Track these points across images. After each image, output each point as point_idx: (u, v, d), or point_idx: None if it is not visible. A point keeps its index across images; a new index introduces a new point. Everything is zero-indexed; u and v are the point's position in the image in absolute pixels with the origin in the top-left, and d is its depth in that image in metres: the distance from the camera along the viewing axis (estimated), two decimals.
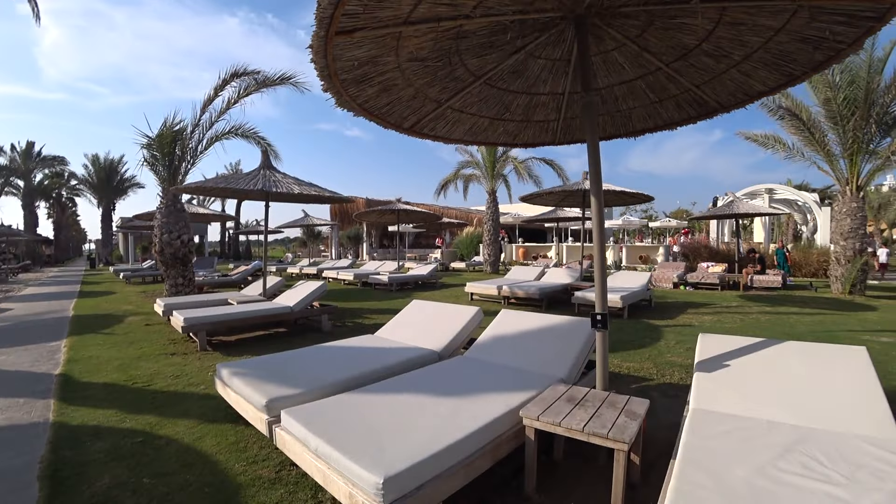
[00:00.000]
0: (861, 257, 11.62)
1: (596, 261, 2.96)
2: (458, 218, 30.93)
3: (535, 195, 11.14)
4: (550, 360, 3.36)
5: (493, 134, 4.22)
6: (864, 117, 11.23)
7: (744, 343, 3.06)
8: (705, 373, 2.86)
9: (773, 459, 1.97)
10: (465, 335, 4.25)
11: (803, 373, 2.74)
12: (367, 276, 14.68)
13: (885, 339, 6.75)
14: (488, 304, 10.21)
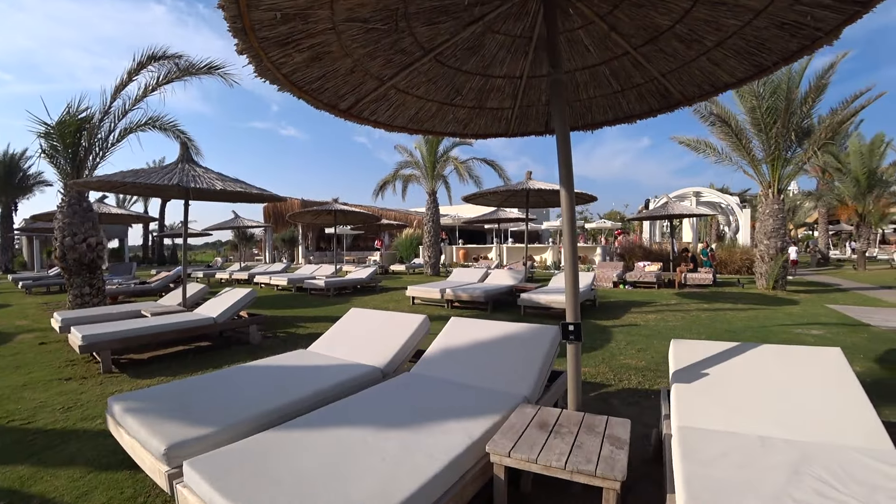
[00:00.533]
0: (783, 255, 12.30)
1: (567, 264, 2.61)
2: (398, 219, 30.33)
3: (478, 195, 10.88)
4: (512, 374, 2.97)
5: (442, 122, 3.78)
6: (785, 125, 11.91)
7: (718, 349, 2.82)
8: (684, 384, 2.58)
9: (784, 487, 1.72)
10: (412, 347, 3.79)
11: (784, 379, 2.54)
12: (302, 280, 13.81)
13: (816, 331, 7.02)
14: (432, 308, 9.80)
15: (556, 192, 10.03)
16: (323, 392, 2.85)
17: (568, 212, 2.62)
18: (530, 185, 9.49)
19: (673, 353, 2.85)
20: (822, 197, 24.56)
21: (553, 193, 10.62)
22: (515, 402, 2.62)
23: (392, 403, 2.60)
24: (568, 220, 2.61)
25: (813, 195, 24.86)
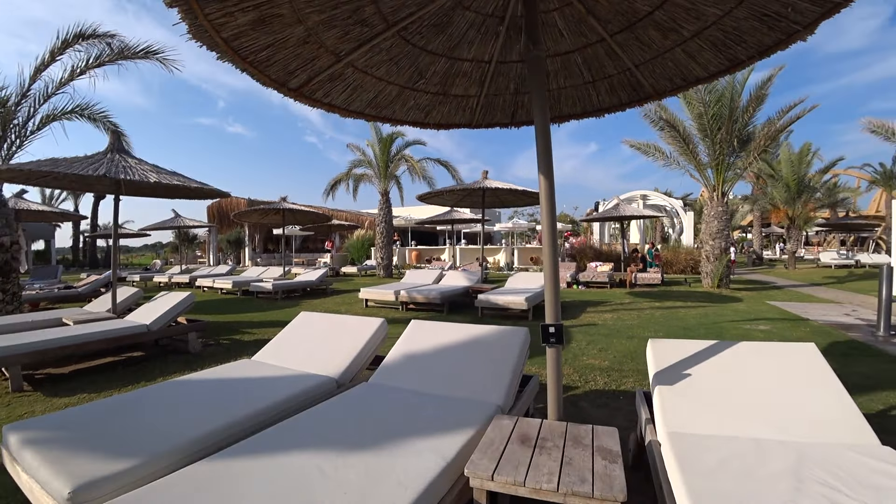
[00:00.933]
0: (727, 255, 12.81)
1: (547, 260, 2.39)
2: (349, 220, 29.61)
3: (433, 193, 10.61)
4: (482, 382, 2.72)
5: (402, 108, 3.49)
6: (729, 132, 12.43)
7: (696, 348, 2.70)
8: (667, 386, 2.42)
9: (794, 496, 1.59)
10: (369, 354, 3.47)
11: (766, 377, 2.45)
12: (249, 283, 13.07)
13: (763, 327, 7.26)
14: (386, 310, 9.47)
15: (512, 191, 9.94)
16: (270, 409, 2.48)
17: (548, 206, 2.41)
18: (487, 185, 9.33)
19: (652, 354, 2.70)
20: (757, 201, 26.04)
21: (509, 193, 10.54)
22: (489, 412, 2.38)
23: (351, 420, 2.28)
24: (548, 214, 2.40)
25: (749, 199, 26.31)
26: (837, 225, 24.51)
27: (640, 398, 2.75)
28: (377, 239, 18.96)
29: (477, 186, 9.33)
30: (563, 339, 2.29)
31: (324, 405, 2.51)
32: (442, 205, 11.48)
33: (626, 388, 4.18)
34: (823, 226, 26.02)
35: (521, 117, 3.87)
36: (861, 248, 28.56)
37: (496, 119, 3.89)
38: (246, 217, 15.40)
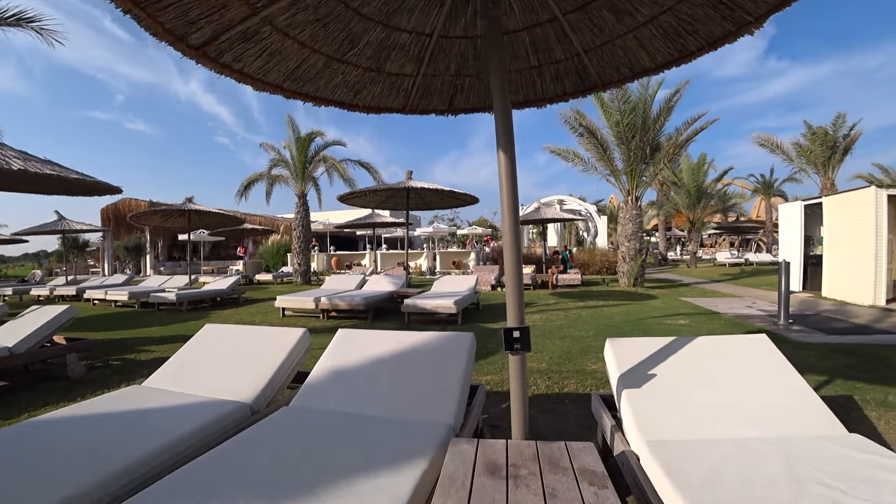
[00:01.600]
0: (641, 255, 13.47)
1: (508, 259, 2.08)
2: (264, 225, 27.97)
3: (355, 194, 9.99)
4: (428, 398, 2.35)
5: (328, 85, 3.03)
6: (642, 139, 13.12)
7: (656, 346, 2.53)
8: (634, 389, 2.20)
9: (797, 499, 1.45)
10: (289, 371, 2.96)
11: (729, 372, 2.36)
12: (148, 293, 11.66)
13: (683, 321, 7.58)
14: (305, 319, 8.80)
15: (437, 192, 9.64)
16: (165, 450, 1.92)
17: (509, 194, 2.11)
18: (411, 185, 8.98)
19: (612, 355, 2.48)
20: (662, 206, 28.06)
21: (434, 194, 10.25)
22: (441, 435, 2.01)
23: (271, 457, 1.81)
24: (509, 206, 2.10)
25: (655, 205, 28.29)
26: (729, 228, 27.05)
27: (598, 403, 2.53)
28: (294, 244, 17.93)
29: (401, 186, 8.93)
30: (530, 345, 1.97)
31: (237, 439, 2.00)
32: (364, 206, 10.96)
33: (568, 390, 4.01)
34: (717, 228, 28.59)
35: (460, 103, 3.57)
36: (746, 249, 31.83)
37: (433, 105, 3.55)
38: (145, 219, 13.82)
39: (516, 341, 1.94)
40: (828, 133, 15.26)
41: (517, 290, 2.04)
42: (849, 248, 10.78)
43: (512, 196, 2.10)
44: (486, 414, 3.39)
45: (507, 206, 2.09)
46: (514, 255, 2.07)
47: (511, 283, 2.04)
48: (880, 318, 8.13)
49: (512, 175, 2.12)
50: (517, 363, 1.99)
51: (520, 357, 1.98)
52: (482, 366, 4.85)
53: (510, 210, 2.09)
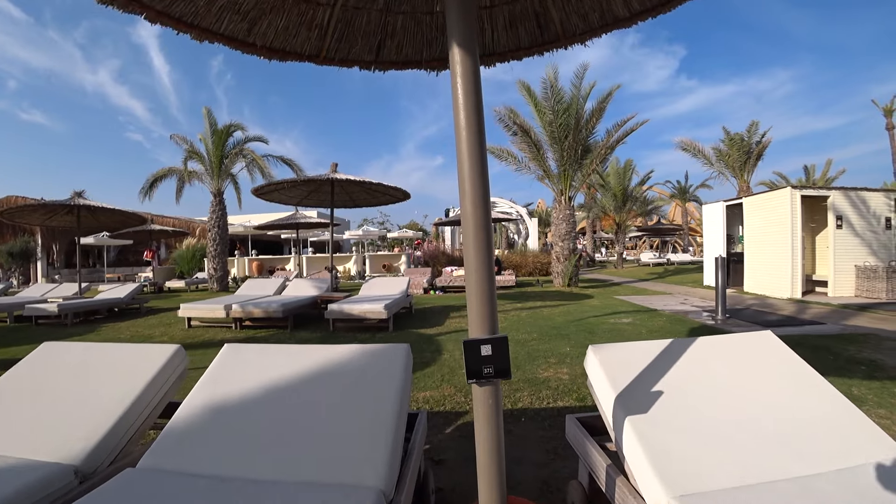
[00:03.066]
0: (575, 255, 13.37)
1: (474, 249, 1.37)
2: (178, 227, 25.57)
3: (272, 186, 8.78)
4: (347, 448, 1.58)
5: (213, 9, 2.21)
6: (575, 139, 13.04)
7: (650, 352, 1.93)
8: (639, 415, 1.57)
9: None
10: (151, 408, 2.07)
11: (746, 383, 1.80)
12: (23, 305, 9.82)
13: (626, 319, 7.30)
14: (215, 330, 7.64)
15: (365, 185, 8.78)
16: None
17: (475, 170, 1.41)
18: (336, 176, 8.08)
19: (599, 366, 1.85)
20: (591, 209, 28.80)
21: (363, 190, 9.38)
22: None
23: None
24: (473, 188, 1.39)
25: (584, 207, 29.00)
26: (651, 230, 28.26)
27: (577, 430, 1.90)
28: (210, 246, 16.26)
29: (326, 178, 8.01)
30: (509, 367, 1.27)
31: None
32: (284, 203, 9.85)
33: (523, 405, 3.38)
34: (640, 230, 29.82)
35: (391, 53, 2.84)
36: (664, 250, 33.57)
37: (355, 52, 2.79)
38: (23, 217, 11.75)
39: (487, 362, 1.24)
40: (743, 139, 16.12)
41: (486, 285, 1.33)
42: (767, 246, 11.21)
43: (479, 175, 1.41)
44: (428, 444, 2.67)
45: (472, 189, 1.40)
46: (483, 253, 1.37)
47: (476, 276, 1.34)
48: (802, 309, 8.35)
49: (477, 143, 1.43)
50: (487, 400, 1.29)
51: (491, 390, 1.29)
52: (419, 379, 4.14)
53: (476, 182, 1.40)
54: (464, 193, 1.42)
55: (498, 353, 1.26)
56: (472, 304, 1.33)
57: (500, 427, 1.31)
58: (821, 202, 10.97)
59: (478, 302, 1.32)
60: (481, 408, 1.30)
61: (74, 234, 21.75)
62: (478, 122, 1.45)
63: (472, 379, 1.27)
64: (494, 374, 1.27)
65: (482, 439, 1.31)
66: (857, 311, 7.93)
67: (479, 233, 1.38)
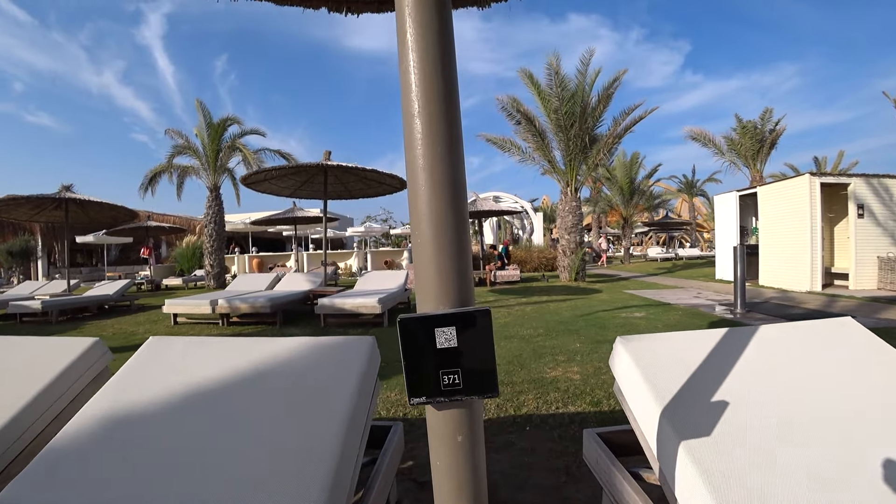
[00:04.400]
0: (582, 248, 12.84)
1: (422, 176, 0.87)
2: (179, 224, 25.21)
3: (262, 175, 8.17)
4: (271, 476, 1.11)
5: None
6: (581, 128, 12.50)
7: (700, 344, 1.42)
8: (698, 438, 1.06)
9: None
10: (32, 427, 1.62)
11: (832, 382, 1.28)
12: (7, 303, 9.44)
13: (638, 314, 6.81)
14: (202, 327, 7.24)
15: (359, 174, 8.29)
16: None
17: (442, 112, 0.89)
18: (327, 163, 7.59)
19: (633, 364, 1.33)
20: (597, 203, 28.19)
21: (358, 179, 8.89)
22: None
23: None
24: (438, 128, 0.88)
25: (590, 201, 28.38)
26: (660, 224, 27.66)
27: (598, 451, 1.41)
28: (206, 242, 15.85)
29: (316, 165, 7.51)
30: (496, 377, 0.79)
31: None
32: (277, 193, 9.38)
33: (527, 410, 2.89)
34: (647, 225, 29.20)
35: None
36: (671, 246, 32.94)
37: None
38: (7, 211, 11.33)
39: (448, 362, 0.75)
40: (756, 127, 15.49)
41: (446, 217, 0.80)
42: (784, 237, 10.66)
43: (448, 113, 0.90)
44: (411, 461, 2.18)
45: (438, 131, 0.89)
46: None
47: (431, 202, 0.81)
48: (826, 303, 7.83)
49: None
50: (451, 435, 0.77)
51: (459, 417, 0.78)
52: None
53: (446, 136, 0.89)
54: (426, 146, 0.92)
55: (472, 343, 0.75)
56: (422, 250, 0.81)
57: (479, 482, 0.79)
58: (840, 191, 10.42)
59: (433, 247, 0.78)
60: (442, 453, 0.78)
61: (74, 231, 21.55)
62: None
63: (418, 396, 0.76)
64: (465, 388, 0.75)
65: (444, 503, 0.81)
66: (888, 304, 7.39)
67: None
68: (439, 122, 0.77)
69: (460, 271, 0.78)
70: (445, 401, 0.75)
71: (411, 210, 0.80)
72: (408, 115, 0.78)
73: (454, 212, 0.78)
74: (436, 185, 0.77)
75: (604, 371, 3.64)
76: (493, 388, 0.75)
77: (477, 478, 0.77)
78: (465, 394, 0.75)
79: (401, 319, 0.77)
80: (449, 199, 0.77)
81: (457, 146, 0.80)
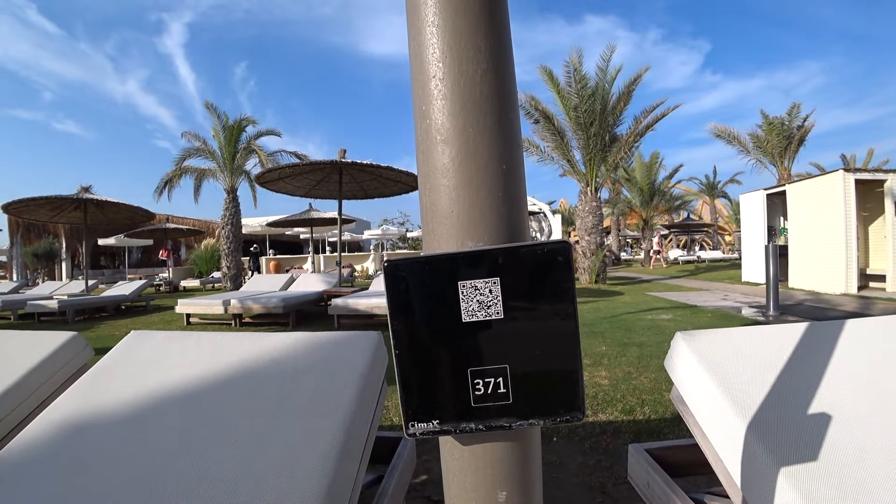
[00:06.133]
0: (602, 249, 12.50)
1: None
2: (197, 227, 25.45)
3: (275, 174, 8.00)
4: (252, 497, 0.89)
5: None
6: (602, 126, 12.18)
7: (784, 340, 1.14)
8: (803, 463, 0.81)
9: None
10: (18, 418, 1.45)
11: None
12: (25, 303, 9.52)
13: (664, 315, 6.51)
14: (214, 327, 7.17)
15: (374, 171, 8.08)
16: None
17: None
18: (341, 161, 7.42)
19: (701, 366, 1.06)
20: (616, 204, 27.67)
21: (373, 178, 8.69)
22: None
23: None
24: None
25: (609, 203, 27.87)
26: (681, 226, 27.03)
27: (647, 470, 1.15)
28: (223, 244, 15.89)
29: (329, 162, 7.35)
30: (583, 396, 0.48)
31: None
32: (291, 193, 9.27)
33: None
34: (668, 227, 28.58)
35: None
36: (691, 248, 32.24)
37: None
38: (28, 212, 11.46)
39: (495, 340, 0.44)
40: (783, 123, 14.94)
41: None
42: (816, 237, 10.19)
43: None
44: (425, 475, 1.95)
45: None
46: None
47: None
48: (865, 305, 7.40)
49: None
50: (492, 498, 0.45)
51: (517, 453, 0.46)
52: None
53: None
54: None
55: (538, 310, 0.45)
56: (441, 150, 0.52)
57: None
58: (875, 188, 9.91)
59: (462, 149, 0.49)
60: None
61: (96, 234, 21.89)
62: None
63: (422, 421, 0.46)
64: (517, 403, 0.45)
65: None
66: None
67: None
68: None
69: (516, 188, 0.53)
70: (479, 428, 0.45)
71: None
72: None
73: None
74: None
75: (634, 376, 3.37)
76: (574, 404, 0.46)
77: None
78: (517, 415, 0.44)
79: (387, 262, 0.50)
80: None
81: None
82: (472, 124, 0.48)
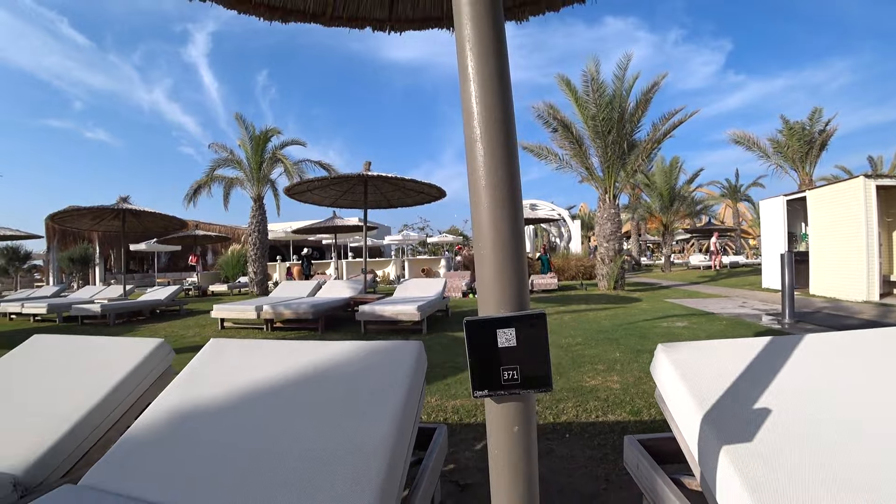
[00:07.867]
0: (620, 256, 12.62)
1: (484, 195, 0.93)
2: (224, 233, 26.23)
3: (304, 186, 8.51)
4: (325, 473, 1.19)
5: None
6: (619, 133, 12.34)
7: (748, 351, 1.40)
8: (741, 444, 1.07)
9: None
10: (119, 414, 1.78)
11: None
12: (70, 306, 10.11)
13: (680, 323, 6.66)
14: (247, 332, 7.54)
15: (397, 183, 8.46)
16: None
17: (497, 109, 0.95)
18: (367, 174, 7.80)
19: (675, 372, 1.34)
20: (636, 210, 27.61)
21: (396, 189, 9.07)
22: None
23: None
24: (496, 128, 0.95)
25: (629, 208, 27.85)
26: (702, 231, 26.80)
27: (638, 457, 1.42)
28: (250, 251, 16.46)
29: (355, 175, 7.74)
30: (550, 374, 0.86)
31: None
32: (318, 203, 9.70)
33: (566, 418, 2.90)
34: (689, 231, 28.35)
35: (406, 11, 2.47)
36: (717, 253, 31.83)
37: (364, 8, 2.44)
38: (72, 221, 12.16)
39: (508, 359, 0.82)
40: (805, 128, 14.86)
41: (508, 230, 0.84)
42: (837, 243, 10.17)
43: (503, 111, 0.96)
44: (453, 464, 2.25)
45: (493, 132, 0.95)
46: (506, 188, 0.91)
47: (490, 216, 0.85)
48: (885, 313, 7.42)
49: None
50: (508, 426, 0.84)
51: (517, 409, 0.84)
52: (450, 386, 3.71)
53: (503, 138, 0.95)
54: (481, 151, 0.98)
55: (529, 343, 0.83)
56: (484, 259, 0.88)
57: (532, 469, 0.86)
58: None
59: (494, 257, 0.86)
60: (500, 441, 0.86)
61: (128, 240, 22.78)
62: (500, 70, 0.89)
63: (481, 390, 0.84)
64: (522, 383, 0.83)
65: (501, 488, 0.87)
66: None
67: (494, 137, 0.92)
68: (497, 146, 0.86)
69: (518, 277, 0.87)
70: (505, 394, 0.84)
71: (475, 224, 0.89)
72: (470, 140, 0.87)
73: (511, 225, 0.86)
74: (496, 201, 0.87)
75: (644, 381, 3.60)
76: (547, 383, 0.84)
77: (530, 465, 0.86)
78: (522, 388, 0.83)
79: (467, 321, 0.87)
80: (507, 214, 0.86)
81: (513, 164, 0.88)
82: (500, 246, 0.85)
